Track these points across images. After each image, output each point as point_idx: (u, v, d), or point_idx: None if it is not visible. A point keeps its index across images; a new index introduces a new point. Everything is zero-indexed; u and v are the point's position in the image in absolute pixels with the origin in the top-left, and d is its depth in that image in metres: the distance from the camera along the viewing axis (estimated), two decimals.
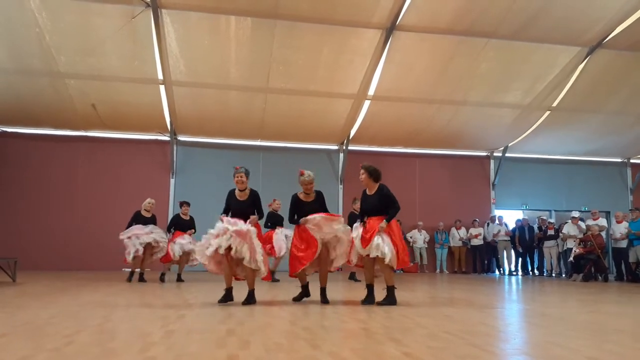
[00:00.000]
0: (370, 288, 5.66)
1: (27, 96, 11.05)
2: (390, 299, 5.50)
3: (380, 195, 5.66)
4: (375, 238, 5.39)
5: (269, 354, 2.92)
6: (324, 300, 5.72)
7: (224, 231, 5.32)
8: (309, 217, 5.71)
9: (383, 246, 5.36)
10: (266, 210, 7.46)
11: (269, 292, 7.10)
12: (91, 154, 12.77)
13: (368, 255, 5.49)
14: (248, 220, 5.53)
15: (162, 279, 8.96)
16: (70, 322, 4.02)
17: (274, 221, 9.35)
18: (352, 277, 9.53)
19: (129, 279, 8.63)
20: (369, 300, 5.58)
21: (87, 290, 6.91)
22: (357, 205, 7.84)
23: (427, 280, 10.46)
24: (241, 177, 5.72)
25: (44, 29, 9.36)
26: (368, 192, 5.79)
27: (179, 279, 8.95)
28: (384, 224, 5.46)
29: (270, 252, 8.74)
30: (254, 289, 5.57)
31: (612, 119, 13.02)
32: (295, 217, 5.87)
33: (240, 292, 5.61)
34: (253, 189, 5.87)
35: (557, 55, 10.91)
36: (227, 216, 5.62)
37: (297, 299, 5.88)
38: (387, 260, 5.36)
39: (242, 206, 5.70)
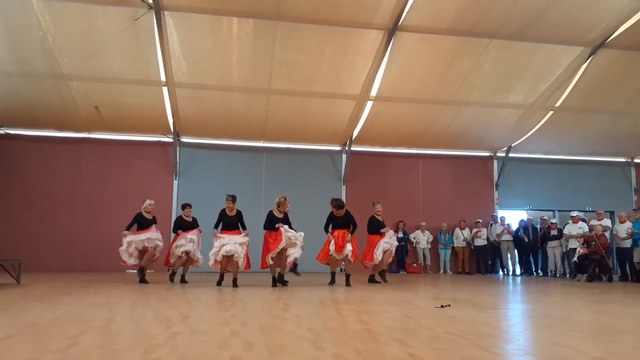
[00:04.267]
0: (333, 275, 8.83)
1: (30, 98, 11.09)
2: (348, 281, 8.61)
3: (347, 217, 8.78)
4: (348, 246, 8.53)
5: (272, 356, 2.91)
6: (283, 282, 8.29)
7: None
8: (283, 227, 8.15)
9: (349, 250, 8.53)
10: (296, 217, 9.01)
11: (272, 293, 7.10)
12: (94, 156, 12.81)
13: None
14: (243, 235, 8.30)
15: (171, 279, 9.02)
16: (75, 323, 4.03)
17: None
18: (372, 279, 9.51)
19: (143, 280, 8.68)
20: (332, 282, 8.63)
21: (91, 291, 6.92)
22: (378, 209, 9.55)
23: (430, 281, 10.44)
24: (229, 204, 8.40)
25: (47, 31, 9.39)
26: (337, 215, 8.74)
27: (183, 280, 8.96)
28: (349, 237, 8.62)
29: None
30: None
31: (615, 118, 12.98)
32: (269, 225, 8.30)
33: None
34: (238, 209, 8.45)
35: (560, 55, 10.89)
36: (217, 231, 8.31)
37: (274, 286, 8.10)
38: (350, 258, 8.58)
39: (233, 221, 8.35)
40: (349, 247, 8.51)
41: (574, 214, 12.32)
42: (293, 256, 8.13)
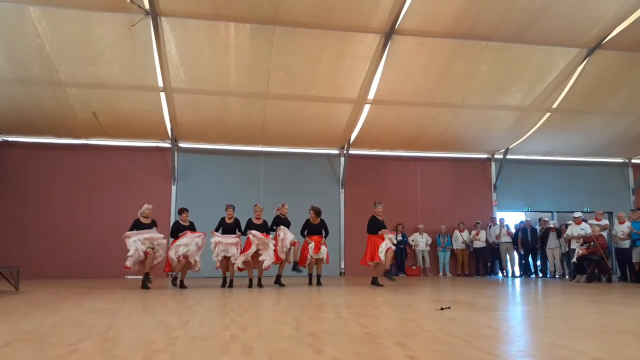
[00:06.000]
0: (310, 276, 9.92)
1: (28, 105, 11.09)
2: (319, 280, 9.77)
3: (322, 224, 9.86)
4: (323, 248, 9.60)
5: None
6: (259, 284, 9.04)
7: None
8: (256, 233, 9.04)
9: (325, 252, 9.65)
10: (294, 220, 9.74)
11: (272, 297, 7.09)
12: (92, 162, 12.81)
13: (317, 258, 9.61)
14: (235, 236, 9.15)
15: (174, 283, 9.03)
16: (74, 330, 4.02)
17: (279, 225, 9.42)
18: (375, 282, 9.46)
19: (144, 286, 8.65)
20: (310, 282, 9.77)
21: (91, 297, 6.91)
22: (378, 209, 9.63)
23: (429, 283, 10.44)
24: (231, 211, 9.31)
25: (44, 38, 9.40)
26: (313, 222, 9.81)
27: (182, 286, 8.94)
28: (324, 241, 9.74)
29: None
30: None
31: (612, 119, 13.02)
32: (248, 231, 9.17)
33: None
34: (236, 217, 9.31)
35: (557, 57, 10.92)
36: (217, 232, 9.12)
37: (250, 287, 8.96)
38: (324, 260, 9.71)
39: (230, 227, 9.24)
40: (324, 249, 9.61)
41: (577, 214, 12.19)
42: (267, 262, 8.96)
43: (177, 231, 9.16)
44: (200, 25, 9.50)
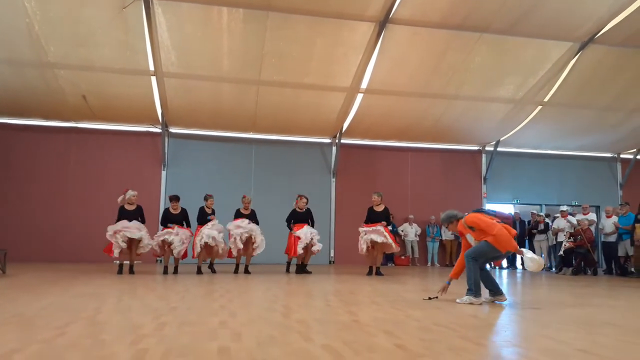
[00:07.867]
0: (289, 264, 9.95)
1: (17, 87, 10.92)
2: (306, 269, 9.65)
3: (307, 213, 9.81)
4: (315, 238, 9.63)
5: (261, 347, 2.92)
6: (247, 272, 9.22)
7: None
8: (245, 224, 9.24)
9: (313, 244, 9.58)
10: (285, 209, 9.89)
11: (261, 285, 7.11)
12: (81, 146, 12.68)
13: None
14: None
15: (165, 272, 8.95)
16: (62, 313, 4.00)
17: (295, 220, 9.72)
18: (377, 272, 9.50)
19: (119, 272, 8.62)
20: (288, 270, 9.77)
21: (78, 282, 6.88)
22: (373, 199, 9.54)
23: (418, 273, 10.51)
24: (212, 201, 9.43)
25: (34, 18, 9.23)
26: (299, 211, 9.76)
27: (175, 272, 8.90)
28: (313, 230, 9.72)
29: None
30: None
31: (603, 114, 13.10)
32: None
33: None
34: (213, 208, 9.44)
35: (550, 51, 10.94)
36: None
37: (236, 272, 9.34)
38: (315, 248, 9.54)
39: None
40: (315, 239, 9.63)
41: (564, 208, 12.47)
42: (259, 250, 9.25)
43: (166, 220, 9.09)
44: (193, 9, 9.37)
